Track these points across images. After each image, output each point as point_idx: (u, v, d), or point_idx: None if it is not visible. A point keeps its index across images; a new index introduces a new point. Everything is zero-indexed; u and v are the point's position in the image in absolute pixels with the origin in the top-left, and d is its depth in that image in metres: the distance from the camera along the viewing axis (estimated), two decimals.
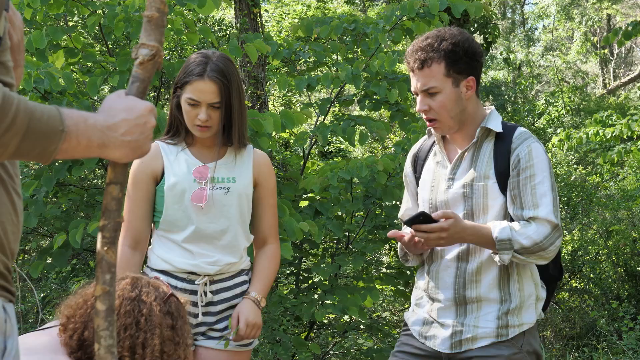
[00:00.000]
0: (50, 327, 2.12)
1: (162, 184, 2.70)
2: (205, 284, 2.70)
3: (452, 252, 2.57)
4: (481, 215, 2.51)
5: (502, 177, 2.50)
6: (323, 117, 4.76)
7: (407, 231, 2.59)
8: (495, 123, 2.55)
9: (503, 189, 2.50)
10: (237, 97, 2.66)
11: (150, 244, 2.80)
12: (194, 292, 2.69)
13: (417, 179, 2.71)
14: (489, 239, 2.45)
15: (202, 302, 2.70)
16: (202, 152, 2.75)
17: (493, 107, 2.63)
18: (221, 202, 2.70)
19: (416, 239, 2.50)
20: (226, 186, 2.72)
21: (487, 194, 2.51)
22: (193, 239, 2.68)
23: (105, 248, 1.43)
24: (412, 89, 2.56)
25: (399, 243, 2.68)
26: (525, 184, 2.47)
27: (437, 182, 2.62)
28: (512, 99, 14.52)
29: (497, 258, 2.48)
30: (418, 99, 2.54)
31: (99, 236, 1.45)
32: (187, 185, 2.69)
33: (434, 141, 2.68)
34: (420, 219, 2.44)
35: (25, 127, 1.30)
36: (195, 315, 2.71)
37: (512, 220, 2.50)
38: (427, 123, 2.56)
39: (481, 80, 2.71)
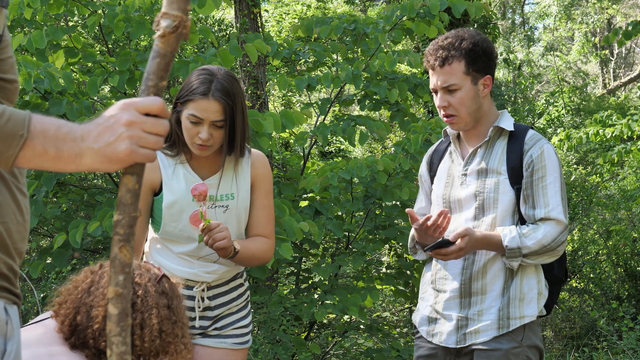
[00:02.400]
0: (45, 318, 2.12)
1: (160, 198, 2.66)
2: (203, 291, 2.70)
3: None
4: (491, 208, 2.61)
5: (514, 173, 2.61)
6: (323, 117, 4.76)
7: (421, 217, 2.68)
8: (508, 123, 2.66)
9: (513, 183, 2.60)
10: (240, 116, 2.59)
11: (147, 241, 2.79)
12: (192, 298, 2.69)
13: (432, 177, 2.81)
14: (500, 246, 2.57)
15: (200, 307, 2.70)
16: (201, 165, 2.68)
17: (506, 110, 2.74)
18: (220, 220, 2.64)
19: (429, 223, 2.58)
20: (225, 204, 2.67)
21: (498, 189, 2.61)
22: (191, 253, 2.68)
23: (119, 246, 1.28)
24: (431, 86, 2.66)
25: (411, 233, 2.79)
26: (537, 185, 2.58)
27: (452, 178, 2.72)
28: (512, 99, 14.50)
29: (505, 261, 2.59)
30: (437, 96, 2.64)
31: (113, 233, 1.30)
32: (186, 204, 2.64)
33: (449, 142, 2.79)
34: (439, 245, 2.54)
35: None
36: (192, 319, 2.70)
37: (520, 216, 2.61)
38: (445, 119, 2.66)
39: None
